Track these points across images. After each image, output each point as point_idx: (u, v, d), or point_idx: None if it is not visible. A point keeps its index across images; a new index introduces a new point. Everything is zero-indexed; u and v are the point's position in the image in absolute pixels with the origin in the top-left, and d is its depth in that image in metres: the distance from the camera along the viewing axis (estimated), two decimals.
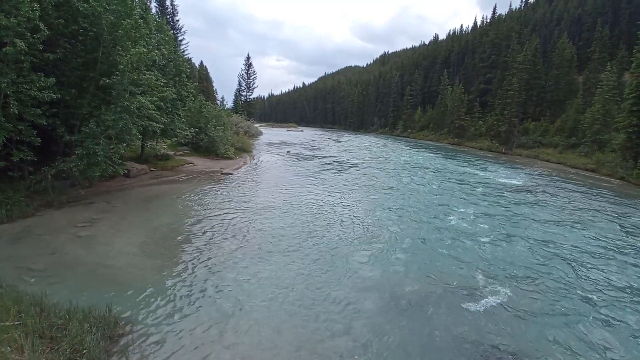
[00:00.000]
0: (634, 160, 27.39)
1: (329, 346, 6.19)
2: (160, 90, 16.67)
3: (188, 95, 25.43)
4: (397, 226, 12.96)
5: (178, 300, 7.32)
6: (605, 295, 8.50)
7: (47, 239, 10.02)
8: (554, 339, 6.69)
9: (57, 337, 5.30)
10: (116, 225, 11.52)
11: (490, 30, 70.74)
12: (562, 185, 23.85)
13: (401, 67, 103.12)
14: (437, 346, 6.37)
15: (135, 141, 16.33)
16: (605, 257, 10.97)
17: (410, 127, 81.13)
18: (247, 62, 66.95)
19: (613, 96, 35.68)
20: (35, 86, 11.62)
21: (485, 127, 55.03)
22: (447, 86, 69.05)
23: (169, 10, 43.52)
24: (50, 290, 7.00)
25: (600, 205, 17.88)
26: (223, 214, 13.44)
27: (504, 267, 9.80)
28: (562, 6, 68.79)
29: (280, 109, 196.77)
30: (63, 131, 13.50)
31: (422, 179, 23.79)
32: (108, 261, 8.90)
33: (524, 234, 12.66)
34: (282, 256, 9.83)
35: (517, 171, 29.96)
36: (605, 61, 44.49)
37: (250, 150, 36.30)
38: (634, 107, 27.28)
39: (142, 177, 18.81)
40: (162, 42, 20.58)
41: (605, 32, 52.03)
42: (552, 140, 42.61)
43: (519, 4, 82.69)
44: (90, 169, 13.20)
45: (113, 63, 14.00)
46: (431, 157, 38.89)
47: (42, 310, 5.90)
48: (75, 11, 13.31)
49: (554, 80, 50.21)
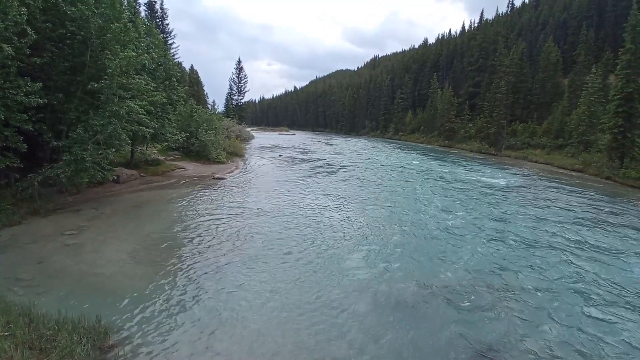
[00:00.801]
0: (620, 160, 28.02)
1: (325, 350, 6.14)
2: (150, 95, 16.48)
3: (178, 99, 25.21)
4: (388, 227, 13.00)
5: (170, 309, 7.19)
6: (600, 294, 8.62)
7: (34, 248, 9.77)
8: (547, 337, 6.75)
9: (47, 349, 5.16)
10: (105, 232, 11.30)
11: (478, 34, 71.86)
12: (550, 185, 24.23)
13: (392, 71, 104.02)
14: (432, 347, 6.37)
15: (125, 146, 16.10)
16: (595, 254, 11.14)
17: (401, 130, 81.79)
18: (238, 66, 66.92)
19: (598, 98, 36.49)
20: (22, 91, 11.38)
21: (474, 129, 55.83)
22: (437, 89, 69.85)
23: (158, 14, 43.19)
24: (38, 300, 6.82)
25: (590, 204, 18.19)
26: (215, 219, 13.31)
27: (494, 265, 9.88)
28: (548, 10, 70.28)
29: (271, 112, 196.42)
30: (50, 137, 13.23)
31: (413, 180, 23.94)
32: (97, 269, 8.71)
33: (514, 233, 12.79)
34: (276, 261, 9.76)
35: (506, 172, 30.36)
36: (590, 64, 45.46)
37: (242, 154, 36.11)
38: (619, 108, 27.92)
39: (132, 183, 18.52)
40: (152, 45, 20.39)
41: (590, 35, 53.21)
42: (540, 141, 43.41)
43: (506, 9, 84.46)
44: (78, 175, 12.94)
45: (101, 67, 13.80)
46: (422, 159, 39.21)
47: (31, 320, 5.74)
48: (63, 15, 13.10)
49: (540, 83, 51.21)
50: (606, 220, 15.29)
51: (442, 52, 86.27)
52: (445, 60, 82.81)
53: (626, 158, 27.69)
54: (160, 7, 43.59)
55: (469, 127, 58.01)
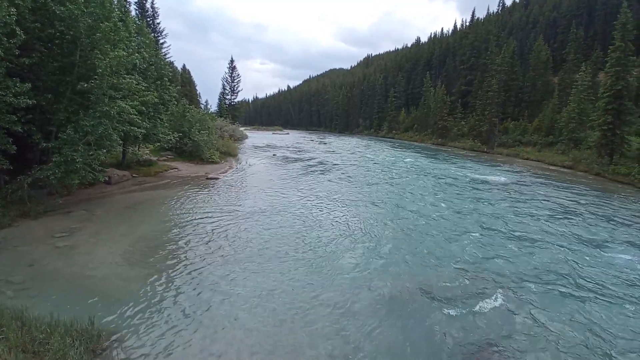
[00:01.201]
0: (609, 157, 28.47)
1: (322, 349, 6.17)
2: (141, 95, 16.31)
3: (171, 99, 24.97)
4: (381, 225, 13.08)
5: (163, 310, 7.15)
6: (594, 289, 8.77)
7: (24, 250, 9.64)
8: (541, 336, 6.86)
9: (40, 352, 5.13)
10: (97, 234, 11.19)
11: (470, 33, 72.40)
12: (541, 181, 24.54)
13: (385, 70, 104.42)
14: (428, 345, 6.44)
15: (116, 147, 15.94)
16: (585, 247, 11.33)
17: (395, 128, 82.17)
18: (231, 65, 66.62)
19: (588, 95, 37.00)
20: (11, 92, 11.19)
21: (467, 127, 56.37)
22: (430, 88, 70.26)
23: (149, 13, 42.74)
24: (30, 303, 6.73)
25: (583, 199, 18.48)
26: (209, 219, 13.25)
27: (489, 263, 10.00)
28: (538, 10, 71.11)
29: (265, 112, 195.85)
30: (39, 138, 13.04)
31: (405, 178, 24.07)
32: (89, 272, 8.63)
33: (505, 230, 12.95)
34: (270, 260, 9.76)
35: (498, 169, 30.67)
36: (580, 62, 46.09)
37: (236, 154, 35.96)
38: (609, 105, 28.34)
39: (123, 184, 18.34)
40: (143, 45, 20.16)
41: (580, 34, 53.92)
42: (531, 139, 43.92)
43: (497, 8, 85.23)
44: (68, 176, 12.76)
45: (91, 67, 13.62)
46: (414, 156, 39.42)
47: (24, 324, 5.68)
48: (52, 14, 12.90)
49: (531, 81, 51.86)
50: (594, 214, 15.54)
51: (434, 50, 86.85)
52: (438, 58, 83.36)
53: (615, 154, 28.16)
54: (151, 5, 43.19)
55: (461, 125, 58.54)
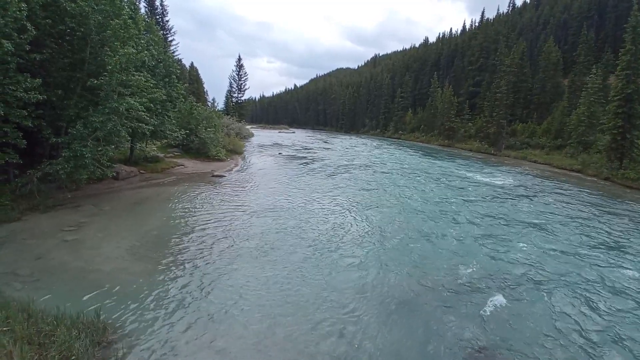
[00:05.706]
0: (619, 161, 28.04)
1: (323, 348, 6.18)
2: (149, 92, 16.47)
3: (178, 96, 25.17)
4: (386, 226, 13.02)
5: (168, 305, 7.22)
6: (602, 293, 8.67)
7: (33, 244, 9.79)
8: (545, 340, 6.80)
9: (46, 344, 5.20)
10: (104, 229, 11.33)
11: (479, 34, 71.82)
12: (548, 185, 24.27)
13: (392, 70, 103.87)
14: (429, 345, 6.41)
15: (124, 143, 16.12)
16: (593, 253, 11.19)
17: (401, 128, 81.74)
18: (238, 64, 66.69)
19: (598, 99, 36.47)
20: (22, 87, 11.39)
21: (474, 128, 55.84)
22: (437, 88, 69.73)
23: (158, 11, 43.04)
24: (37, 295, 6.86)
25: (593, 204, 18.24)
26: (214, 216, 13.33)
27: (494, 266, 9.92)
28: (548, 11, 70.20)
29: (271, 110, 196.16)
30: (49, 133, 13.25)
31: (411, 180, 23.95)
32: (96, 266, 8.73)
33: (515, 234, 12.84)
34: (274, 259, 9.79)
35: (505, 172, 30.38)
36: (590, 64, 45.43)
37: (242, 152, 36.12)
38: (619, 109, 27.89)
39: (131, 180, 18.53)
40: (152, 42, 20.34)
41: (590, 36, 53.15)
42: (539, 141, 43.38)
43: (507, 9, 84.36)
44: (77, 171, 12.96)
45: (101, 64, 13.80)
46: (421, 158, 39.22)
47: (30, 316, 5.77)
48: (63, 11, 13.09)
49: (540, 83, 51.21)
50: (604, 220, 15.33)
51: (442, 51, 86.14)
52: (446, 59, 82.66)
53: (625, 159, 27.71)
54: (160, 3, 43.47)
55: (468, 127, 57.99)
